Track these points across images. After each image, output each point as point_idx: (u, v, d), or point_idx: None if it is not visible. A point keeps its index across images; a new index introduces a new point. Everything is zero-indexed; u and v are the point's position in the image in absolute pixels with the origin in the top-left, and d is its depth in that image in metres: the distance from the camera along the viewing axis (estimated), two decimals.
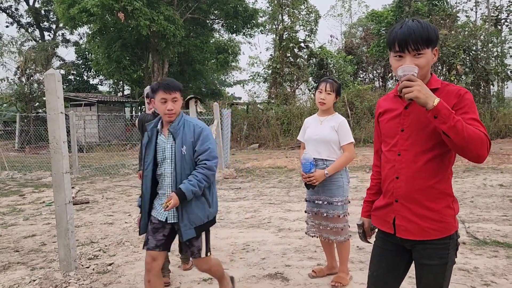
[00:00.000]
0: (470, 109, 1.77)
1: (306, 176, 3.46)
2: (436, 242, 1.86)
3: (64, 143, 4.01)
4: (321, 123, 3.60)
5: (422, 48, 1.79)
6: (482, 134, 1.67)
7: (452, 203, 1.89)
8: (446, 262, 1.87)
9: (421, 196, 1.86)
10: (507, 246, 4.43)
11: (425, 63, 1.81)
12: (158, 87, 2.79)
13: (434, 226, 1.85)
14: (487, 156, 1.72)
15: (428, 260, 1.88)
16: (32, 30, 34.18)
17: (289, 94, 23.12)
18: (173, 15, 21.08)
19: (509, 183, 8.25)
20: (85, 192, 9.27)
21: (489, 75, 19.90)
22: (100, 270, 4.19)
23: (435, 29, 1.83)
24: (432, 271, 1.88)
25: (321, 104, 3.57)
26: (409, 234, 1.90)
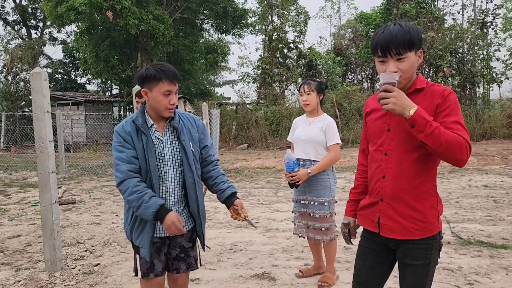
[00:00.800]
0: (453, 111, 1.79)
1: (290, 176, 3.50)
2: (419, 242, 1.88)
3: (50, 143, 3.98)
4: (310, 124, 3.64)
5: (404, 52, 1.80)
6: (460, 139, 1.69)
7: (436, 204, 1.91)
8: (429, 262, 1.89)
9: (406, 196, 1.87)
10: (491, 246, 4.50)
11: (408, 66, 1.82)
12: (161, 76, 2.25)
13: (417, 226, 1.87)
14: (467, 160, 1.74)
15: (411, 260, 1.90)
16: (18, 28, 33.70)
17: (278, 94, 23.17)
18: (162, 14, 20.98)
19: (493, 184, 8.38)
20: (72, 192, 9.18)
21: (475, 78, 20.18)
22: (86, 270, 4.16)
23: (417, 31, 1.83)
24: (415, 271, 1.90)
25: (305, 106, 3.63)
26: (393, 233, 1.92)
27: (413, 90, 1.89)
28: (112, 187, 9.69)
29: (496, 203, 6.73)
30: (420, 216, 1.87)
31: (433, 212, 1.89)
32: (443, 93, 1.83)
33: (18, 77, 26.86)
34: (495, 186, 8.22)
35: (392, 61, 1.81)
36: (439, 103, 1.81)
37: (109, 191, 9.13)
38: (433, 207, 1.89)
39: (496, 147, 14.90)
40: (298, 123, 3.78)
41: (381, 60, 1.84)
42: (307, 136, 3.59)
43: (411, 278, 1.92)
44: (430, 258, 1.89)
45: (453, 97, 1.83)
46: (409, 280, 1.93)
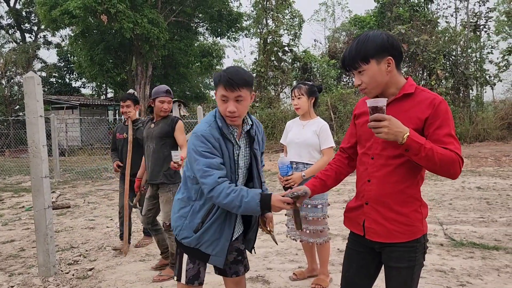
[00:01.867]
0: (445, 122, 1.80)
1: (284, 179, 3.47)
2: (403, 245, 1.90)
3: (44, 147, 3.98)
4: (303, 127, 3.66)
5: (359, 66, 1.85)
6: (453, 156, 1.73)
7: (420, 208, 1.93)
8: (414, 264, 1.91)
9: (390, 200, 1.90)
10: (483, 247, 4.54)
11: (368, 77, 1.85)
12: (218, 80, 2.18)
13: (401, 229, 1.89)
14: (460, 173, 1.78)
15: (396, 262, 1.92)
16: (12, 32, 33.58)
17: (273, 97, 23.21)
18: (157, 18, 20.99)
19: (486, 186, 8.44)
20: (66, 197, 9.15)
21: (468, 80, 20.31)
22: (80, 275, 4.15)
23: (375, 41, 1.83)
24: (400, 273, 1.92)
25: (297, 110, 3.67)
26: (377, 237, 1.94)
27: (401, 95, 1.90)
28: (107, 191, 9.67)
29: (489, 204, 6.78)
30: (404, 219, 1.89)
31: (417, 216, 1.91)
32: (433, 102, 1.82)
33: (12, 81, 26.75)
34: (488, 187, 8.28)
35: (356, 75, 1.90)
36: (430, 114, 1.81)
37: (103, 195, 9.10)
38: (417, 211, 1.91)
39: (490, 149, 15.00)
40: (291, 126, 3.81)
41: (352, 73, 1.93)
42: (300, 139, 3.61)
43: (397, 280, 1.93)
44: (415, 260, 1.91)
45: (444, 107, 1.82)
46: (394, 283, 1.95)
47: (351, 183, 9.41)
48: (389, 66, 1.85)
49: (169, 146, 3.99)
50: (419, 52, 19.96)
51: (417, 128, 1.82)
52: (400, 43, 1.94)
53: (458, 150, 1.76)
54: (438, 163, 1.72)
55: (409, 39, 20.17)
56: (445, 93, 19.39)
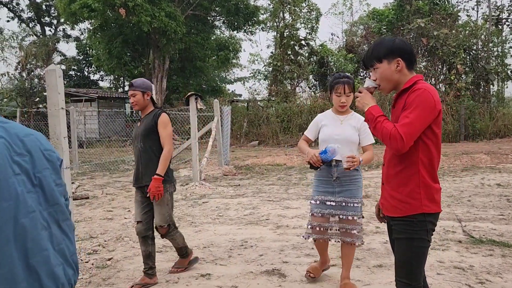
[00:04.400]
0: (409, 106, 2.09)
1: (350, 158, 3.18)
2: (401, 219, 2.18)
3: (65, 139, 4.05)
4: (342, 122, 3.43)
5: (373, 64, 2.26)
6: (393, 131, 2.06)
7: (418, 188, 2.14)
8: (413, 237, 2.15)
9: (392, 180, 2.24)
10: (503, 245, 4.47)
11: (380, 74, 2.25)
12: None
13: (398, 205, 2.19)
14: (398, 148, 2.07)
15: (397, 234, 2.23)
16: (33, 25, 34.13)
17: (289, 91, 23.12)
18: (174, 11, 21.06)
19: (506, 183, 8.29)
20: (84, 188, 9.31)
21: (489, 75, 19.90)
22: (99, 264, 4.23)
23: (386, 45, 2.22)
24: (400, 244, 2.21)
25: (342, 107, 3.42)
26: (386, 211, 2.30)
27: (401, 90, 2.23)
28: (125, 182, 9.81)
29: (509, 202, 6.66)
30: (401, 197, 2.18)
31: (414, 195, 2.14)
32: (411, 91, 2.14)
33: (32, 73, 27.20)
34: (509, 185, 8.13)
35: (372, 72, 2.31)
36: (405, 100, 2.14)
37: (121, 187, 9.24)
38: (413, 191, 2.15)
39: (510, 146, 14.69)
40: (326, 120, 3.50)
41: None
42: (341, 136, 3.36)
43: (399, 251, 2.22)
44: (413, 233, 2.15)
45: (415, 94, 2.10)
46: (397, 254, 2.23)
47: (367, 178, 9.35)
48: (398, 66, 2.19)
49: (157, 143, 3.66)
50: (438, 46, 19.60)
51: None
52: (411, 47, 2.28)
53: (402, 128, 2.05)
54: (380, 134, 2.13)
55: (429, 33, 19.82)
56: (465, 88, 19.04)
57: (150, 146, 3.67)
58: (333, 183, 3.38)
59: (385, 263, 4.02)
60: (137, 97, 3.69)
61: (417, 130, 2.06)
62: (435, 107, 2.09)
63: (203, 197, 7.80)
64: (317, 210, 3.42)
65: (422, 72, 19.84)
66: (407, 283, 2.18)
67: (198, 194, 8.10)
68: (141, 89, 3.69)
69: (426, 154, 2.14)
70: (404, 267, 2.19)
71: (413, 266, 2.17)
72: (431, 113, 2.07)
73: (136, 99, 3.69)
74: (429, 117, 2.07)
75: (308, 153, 3.37)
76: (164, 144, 3.64)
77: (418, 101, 2.06)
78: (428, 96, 2.07)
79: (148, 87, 3.75)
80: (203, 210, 6.68)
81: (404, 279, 2.19)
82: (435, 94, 2.12)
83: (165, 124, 3.67)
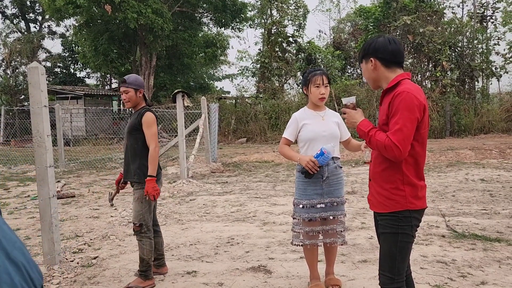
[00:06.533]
0: (396, 112, 2.14)
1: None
2: (387, 215, 2.25)
3: (48, 137, 4.01)
4: (323, 118, 3.33)
5: (360, 63, 2.42)
6: (387, 142, 2.12)
7: (402, 185, 2.21)
8: (397, 232, 2.21)
9: (378, 178, 2.31)
10: (485, 239, 4.55)
11: (363, 73, 2.42)
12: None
13: (384, 201, 2.26)
14: (396, 157, 2.13)
15: (382, 229, 2.30)
16: (17, 22, 33.56)
17: (277, 88, 23.17)
18: (161, 8, 20.91)
19: (490, 178, 8.43)
20: (71, 186, 9.22)
21: (474, 72, 20.17)
22: (85, 263, 4.21)
23: (364, 46, 2.35)
24: (385, 238, 2.28)
25: (322, 100, 3.28)
26: (373, 207, 2.37)
27: (385, 90, 2.31)
28: (112, 180, 9.74)
29: (492, 197, 6.78)
30: (386, 193, 2.25)
31: (398, 192, 2.21)
32: (394, 95, 2.18)
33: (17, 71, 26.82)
34: (492, 180, 8.27)
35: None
36: (389, 103, 2.19)
37: (108, 185, 9.17)
38: (398, 188, 2.22)
39: (494, 141, 14.94)
40: (305, 119, 3.33)
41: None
42: (328, 132, 3.26)
43: (383, 245, 2.29)
44: (398, 228, 2.22)
45: (399, 99, 2.14)
46: (382, 248, 2.30)
47: (354, 174, 9.41)
48: (372, 65, 2.29)
49: (140, 141, 3.59)
50: (424, 43, 19.80)
51: (387, 116, 2.22)
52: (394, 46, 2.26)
53: (393, 136, 2.10)
54: (375, 147, 2.21)
55: (415, 30, 20.01)
56: (451, 84, 19.27)
57: (132, 144, 3.62)
58: (321, 184, 3.24)
59: (369, 258, 4.07)
60: (130, 94, 3.63)
61: (410, 134, 2.11)
62: (421, 107, 2.13)
63: (191, 195, 7.79)
64: (307, 216, 3.24)
65: (408, 69, 20.03)
66: (390, 276, 2.24)
67: (185, 192, 8.09)
68: (134, 86, 3.64)
69: (411, 153, 2.18)
70: (388, 261, 2.25)
71: (396, 260, 2.22)
72: (419, 114, 2.13)
73: (128, 96, 3.63)
74: (418, 119, 2.13)
75: (300, 160, 3.17)
76: (149, 144, 3.56)
77: (403, 106, 2.10)
78: (412, 98, 2.10)
79: (141, 84, 3.71)
80: (190, 208, 6.68)
81: (388, 273, 2.25)
82: (419, 94, 2.15)
83: (149, 123, 3.57)
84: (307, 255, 3.41)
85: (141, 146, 3.60)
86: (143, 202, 3.56)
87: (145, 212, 3.59)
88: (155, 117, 3.65)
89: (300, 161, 3.18)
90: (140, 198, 3.56)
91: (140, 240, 3.59)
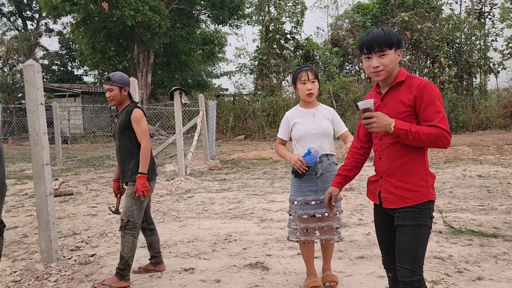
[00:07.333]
0: (432, 102, 2.12)
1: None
2: (410, 208, 2.18)
3: (44, 135, 4.00)
4: (314, 116, 3.32)
5: (385, 49, 2.17)
6: (438, 132, 2.07)
7: (425, 176, 2.20)
8: (420, 224, 2.17)
9: (397, 172, 2.22)
10: (481, 235, 4.56)
11: (389, 61, 2.18)
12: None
13: (408, 195, 2.19)
14: (449, 143, 2.12)
15: (403, 221, 2.20)
16: (14, 19, 33.47)
17: (275, 85, 23.15)
18: (158, 5, 20.85)
19: (487, 174, 8.45)
20: (69, 184, 9.22)
21: (472, 68, 20.19)
22: (82, 261, 4.21)
23: (396, 35, 2.22)
24: (406, 231, 2.19)
25: (310, 96, 3.27)
26: (391, 204, 2.25)
27: (395, 83, 2.23)
28: (110, 178, 9.73)
29: (489, 192, 6.79)
30: (410, 187, 2.19)
31: (422, 183, 2.19)
32: (420, 86, 2.14)
33: (14, 68, 26.75)
34: (489, 176, 8.29)
35: (376, 57, 2.18)
36: (416, 95, 2.14)
37: (106, 183, 9.17)
38: (422, 179, 2.19)
39: (492, 137, 14.97)
40: (296, 117, 3.36)
41: (367, 56, 2.22)
42: (318, 129, 3.26)
43: (404, 238, 2.20)
44: (420, 220, 2.17)
45: (429, 88, 2.13)
46: (402, 241, 2.21)
47: None
48: (398, 57, 2.22)
49: (134, 139, 3.53)
50: (422, 40, 19.81)
51: (409, 109, 2.15)
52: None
53: (443, 124, 2.08)
54: (426, 141, 2.08)
55: (413, 27, 20.01)
56: (448, 81, 19.29)
57: (126, 143, 3.55)
58: (316, 180, 3.25)
59: (366, 255, 4.08)
60: (114, 92, 3.55)
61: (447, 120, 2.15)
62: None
63: (189, 192, 7.79)
64: (302, 212, 3.25)
65: (406, 66, 20.05)
66: (410, 269, 2.17)
67: (183, 189, 8.09)
68: (119, 84, 3.55)
69: None
70: (408, 254, 2.18)
71: (418, 253, 2.19)
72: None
73: (113, 94, 3.55)
74: None
75: (290, 158, 3.21)
76: (141, 141, 3.49)
77: (436, 94, 2.13)
78: (437, 88, 2.19)
79: (126, 82, 3.61)
80: (188, 205, 6.68)
81: (408, 266, 2.18)
82: None
83: (138, 120, 3.49)
84: (304, 252, 3.42)
85: (136, 144, 3.54)
86: (134, 198, 3.49)
87: (135, 209, 3.51)
88: (143, 113, 3.56)
89: (290, 160, 3.23)
90: (132, 194, 3.49)
91: (123, 236, 3.51)
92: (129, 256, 3.51)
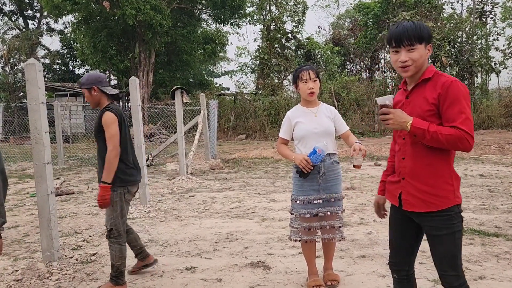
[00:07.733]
0: (456, 101, 2.01)
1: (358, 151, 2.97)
2: (437, 214, 2.10)
3: (46, 134, 4.00)
4: (316, 115, 3.31)
5: (414, 43, 2.07)
6: (458, 133, 1.96)
7: (450, 179, 2.10)
8: (454, 231, 2.10)
9: (422, 174, 2.13)
10: (483, 234, 4.56)
11: (418, 56, 2.08)
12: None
13: (432, 199, 2.10)
14: (471, 146, 2.00)
15: (436, 231, 2.12)
16: (15, 19, 33.50)
17: (277, 85, 23.14)
18: (159, 4, 20.85)
19: (489, 173, 8.44)
20: (70, 183, 9.22)
21: (473, 67, 20.15)
22: (84, 260, 4.21)
23: (427, 28, 2.12)
24: (442, 241, 2.12)
25: (311, 95, 3.26)
26: (412, 207, 2.17)
27: (421, 80, 2.14)
28: None
29: (491, 192, 6.78)
30: (434, 191, 2.10)
31: (447, 187, 2.09)
32: (445, 85, 2.04)
33: (15, 68, 26.77)
34: (491, 175, 8.27)
35: (404, 51, 2.09)
36: (440, 93, 2.04)
37: None
38: (447, 182, 2.10)
39: (493, 137, 14.95)
40: (298, 116, 3.35)
41: (395, 50, 2.12)
42: (320, 128, 3.25)
43: (442, 248, 2.13)
44: (454, 227, 2.10)
45: (455, 86, 2.03)
46: (441, 250, 2.14)
47: (353, 170, 9.43)
48: (428, 52, 2.12)
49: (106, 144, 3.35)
50: None
51: (433, 108, 2.06)
52: None
53: (465, 126, 1.97)
54: (445, 142, 1.98)
55: None
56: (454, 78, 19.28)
57: (101, 146, 3.39)
58: (318, 179, 3.24)
59: (368, 254, 4.07)
60: (86, 95, 3.45)
61: (472, 121, 2.04)
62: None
63: (190, 191, 7.79)
64: (304, 211, 3.24)
65: None
66: (455, 274, 2.14)
67: (184, 188, 8.09)
68: (86, 86, 3.41)
69: None
70: (448, 261, 2.14)
71: (457, 258, 2.14)
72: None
73: (86, 97, 3.47)
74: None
75: (295, 158, 3.18)
76: (108, 145, 3.28)
77: (462, 94, 2.02)
78: (465, 87, 2.07)
79: (92, 81, 3.42)
80: (189, 204, 6.68)
81: (452, 272, 2.14)
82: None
83: (108, 123, 3.29)
84: (305, 251, 3.41)
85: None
86: (113, 206, 3.37)
87: (116, 217, 3.39)
88: (115, 115, 3.34)
89: (294, 159, 3.19)
90: (111, 202, 3.34)
91: (110, 245, 3.44)
92: (119, 264, 3.42)
